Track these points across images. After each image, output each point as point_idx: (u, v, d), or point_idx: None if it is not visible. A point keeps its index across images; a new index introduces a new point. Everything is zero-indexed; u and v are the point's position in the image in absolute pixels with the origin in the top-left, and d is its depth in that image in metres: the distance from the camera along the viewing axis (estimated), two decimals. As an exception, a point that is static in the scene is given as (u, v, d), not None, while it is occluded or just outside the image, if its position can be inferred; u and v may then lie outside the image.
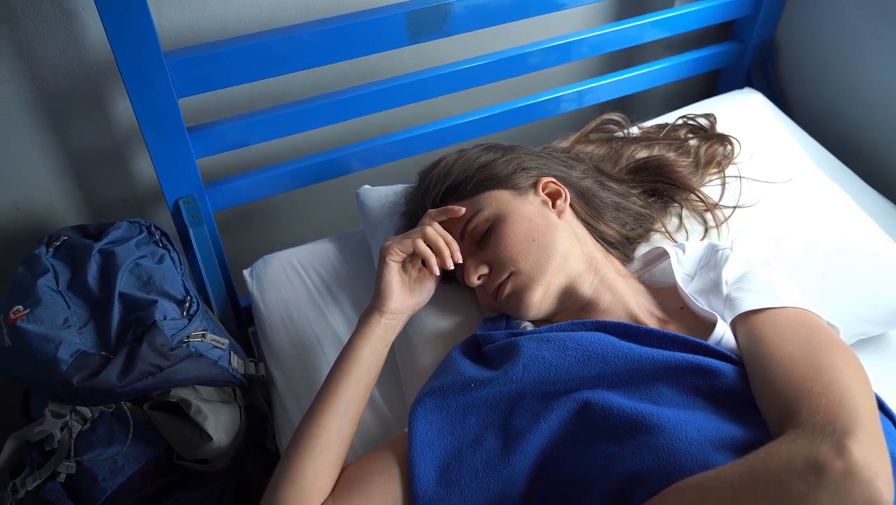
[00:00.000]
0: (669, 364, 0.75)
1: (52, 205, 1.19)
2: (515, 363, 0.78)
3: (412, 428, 0.79)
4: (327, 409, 0.81)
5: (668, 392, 0.75)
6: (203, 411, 0.97)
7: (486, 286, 0.89)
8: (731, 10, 1.39)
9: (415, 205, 0.98)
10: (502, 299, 0.88)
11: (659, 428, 0.69)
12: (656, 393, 0.75)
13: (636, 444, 0.69)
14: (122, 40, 0.89)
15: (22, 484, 0.94)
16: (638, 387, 0.76)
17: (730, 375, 0.74)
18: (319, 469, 0.77)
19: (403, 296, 0.88)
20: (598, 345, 0.78)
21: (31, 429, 0.95)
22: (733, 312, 0.81)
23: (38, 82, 1.06)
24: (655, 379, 0.76)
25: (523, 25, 1.24)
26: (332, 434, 0.79)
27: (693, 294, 0.86)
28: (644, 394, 0.75)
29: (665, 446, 0.67)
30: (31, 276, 0.97)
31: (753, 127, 1.19)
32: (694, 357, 0.75)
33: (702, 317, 0.84)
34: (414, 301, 0.90)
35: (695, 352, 0.77)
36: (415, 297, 0.90)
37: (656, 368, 0.76)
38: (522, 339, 0.82)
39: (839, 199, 1.12)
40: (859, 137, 1.37)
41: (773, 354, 0.72)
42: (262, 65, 1.02)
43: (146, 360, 0.91)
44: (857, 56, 1.33)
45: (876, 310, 1.04)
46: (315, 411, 0.81)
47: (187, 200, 1.08)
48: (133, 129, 1.17)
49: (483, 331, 0.89)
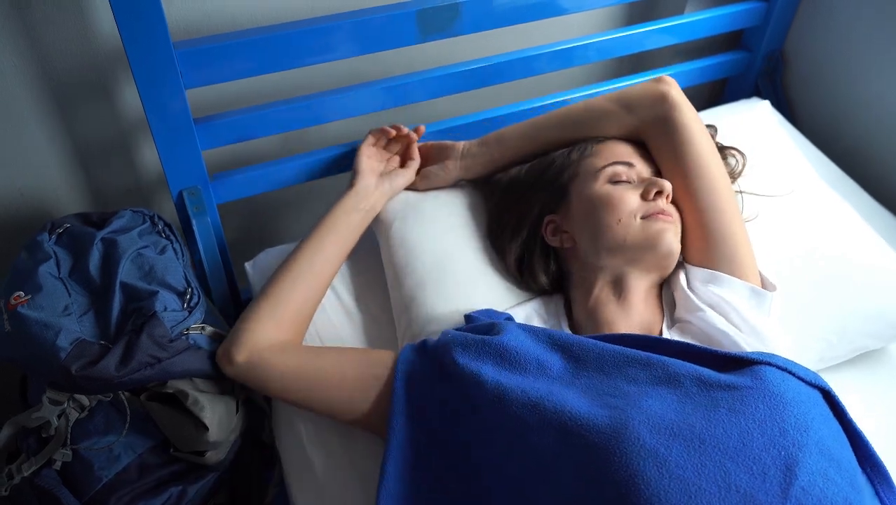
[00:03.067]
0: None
1: (56, 192, 1.19)
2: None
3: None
4: (301, 247, 0.99)
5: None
6: (200, 402, 0.96)
7: (666, 205, 0.93)
8: (741, 19, 1.39)
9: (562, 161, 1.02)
10: (665, 215, 0.91)
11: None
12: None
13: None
14: (132, 30, 0.89)
15: (18, 470, 0.94)
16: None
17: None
18: (290, 293, 0.94)
19: (371, 175, 1.07)
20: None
21: (28, 415, 0.95)
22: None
23: (46, 69, 1.06)
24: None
25: (532, 28, 1.24)
26: (304, 266, 0.97)
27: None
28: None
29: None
30: (33, 262, 0.97)
31: (759, 137, 1.19)
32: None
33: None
34: (389, 183, 1.07)
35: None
36: (388, 179, 1.07)
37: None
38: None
39: (843, 211, 1.12)
40: (866, 150, 1.37)
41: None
42: (270, 59, 1.02)
43: (145, 350, 0.91)
44: (866, 69, 1.33)
45: (878, 324, 1.04)
46: (291, 254, 0.98)
47: (191, 192, 1.08)
48: (139, 119, 1.17)
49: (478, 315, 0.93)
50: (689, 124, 0.96)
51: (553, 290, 1.00)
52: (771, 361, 0.75)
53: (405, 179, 1.09)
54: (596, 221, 0.92)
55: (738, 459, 0.66)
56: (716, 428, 0.68)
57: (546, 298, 0.99)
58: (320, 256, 0.98)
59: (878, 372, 1.08)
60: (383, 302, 1.06)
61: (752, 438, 0.67)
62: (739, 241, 0.92)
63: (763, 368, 0.74)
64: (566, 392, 0.75)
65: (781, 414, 0.69)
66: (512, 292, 1.01)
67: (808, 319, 1.02)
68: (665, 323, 0.90)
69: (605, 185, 0.94)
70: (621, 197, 0.91)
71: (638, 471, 0.65)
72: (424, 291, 0.98)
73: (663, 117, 0.97)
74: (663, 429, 0.68)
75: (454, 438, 0.80)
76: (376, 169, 1.09)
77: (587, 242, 0.93)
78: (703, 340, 0.86)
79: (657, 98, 0.98)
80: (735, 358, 0.77)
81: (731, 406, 0.70)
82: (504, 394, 0.76)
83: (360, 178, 1.05)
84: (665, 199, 0.92)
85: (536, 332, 0.84)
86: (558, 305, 0.97)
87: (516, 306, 0.98)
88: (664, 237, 0.88)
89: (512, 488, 0.74)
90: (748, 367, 0.75)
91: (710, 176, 0.94)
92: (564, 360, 0.80)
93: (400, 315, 1.00)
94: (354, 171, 1.06)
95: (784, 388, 0.72)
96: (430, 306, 0.97)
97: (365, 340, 1.05)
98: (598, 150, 0.99)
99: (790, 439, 0.67)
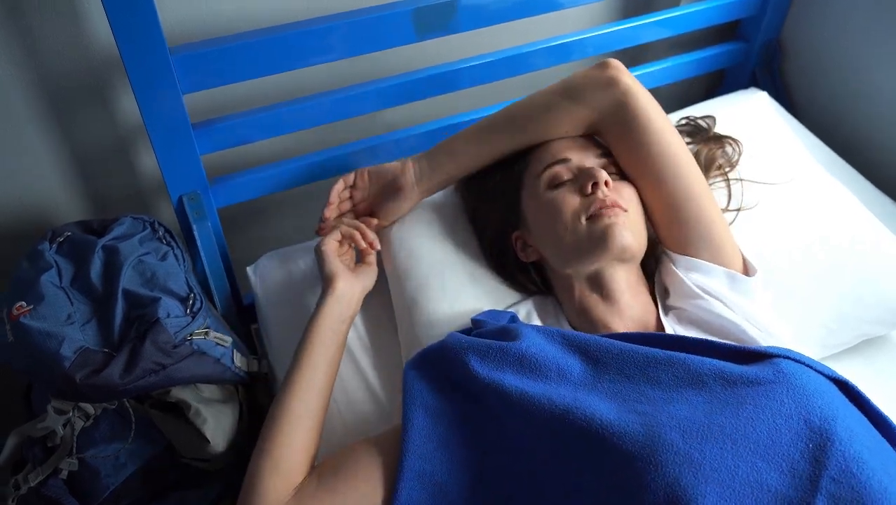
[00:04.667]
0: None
1: (56, 200, 1.19)
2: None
3: (405, 428, 0.79)
4: (292, 385, 0.86)
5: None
6: (202, 414, 0.97)
7: (606, 195, 0.87)
8: (737, 9, 1.39)
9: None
10: (608, 209, 0.86)
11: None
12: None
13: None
14: (127, 35, 0.88)
15: (24, 480, 0.94)
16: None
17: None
18: (291, 443, 0.82)
19: (348, 276, 0.95)
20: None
21: (33, 425, 0.95)
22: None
23: (42, 76, 1.05)
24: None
25: (528, 24, 1.23)
26: (299, 408, 0.84)
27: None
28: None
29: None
30: (35, 271, 0.97)
31: (758, 127, 1.19)
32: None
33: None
34: (362, 283, 0.97)
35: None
36: (361, 279, 0.97)
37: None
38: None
39: (844, 199, 1.12)
40: (865, 138, 1.37)
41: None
42: (267, 61, 1.02)
43: (149, 357, 0.90)
44: (864, 56, 1.33)
45: (880, 310, 1.04)
46: (282, 390, 0.86)
47: (191, 197, 1.07)
48: (137, 125, 1.17)
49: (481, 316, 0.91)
50: (645, 108, 0.91)
51: (547, 291, 0.99)
52: (789, 355, 0.75)
53: (374, 275, 1.01)
54: (547, 232, 0.90)
55: (769, 457, 0.66)
56: (745, 426, 0.68)
57: (542, 298, 0.98)
58: (314, 390, 0.86)
59: (879, 359, 1.08)
60: (385, 301, 1.06)
61: (780, 433, 0.67)
62: (714, 222, 0.90)
63: (782, 361, 0.73)
64: (592, 398, 0.74)
65: (807, 406, 0.69)
66: (514, 291, 1.00)
67: (809, 306, 1.02)
68: (660, 311, 0.90)
69: (546, 193, 0.91)
70: (562, 202, 0.88)
71: (675, 478, 0.64)
72: (426, 293, 0.97)
73: (616, 104, 0.91)
74: (694, 432, 0.67)
75: (469, 445, 0.79)
76: (347, 266, 0.98)
77: (548, 253, 0.92)
78: (706, 328, 0.85)
79: (604, 83, 0.92)
80: (752, 352, 0.77)
81: (757, 402, 0.69)
82: (530, 403, 0.74)
83: (338, 280, 0.93)
84: (605, 186, 0.87)
85: (550, 333, 0.82)
86: (555, 303, 0.96)
87: (516, 304, 0.98)
88: (611, 234, 0.84)
89: (535, 496, 0.74)
90: (767, 360, 0.74)
91: (675, 160, 0.90)
92: (583, 362, 0.79)
93: (402, 318, 1.00)
94: (328, 274, 0.94)
95: (805, 380, 0.71)
96: (431, 310, 0.96)
97: (366, 339, 1.05)
98: (535, 156, 0.95)
99: (817, 431, 0.67)
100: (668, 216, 0.91)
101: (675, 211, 0.90)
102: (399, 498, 0.75)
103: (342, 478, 0.79)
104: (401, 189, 1.01)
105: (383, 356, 1.03)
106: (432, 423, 0.80)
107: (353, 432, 0.95)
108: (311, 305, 1.08)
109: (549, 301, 0.97)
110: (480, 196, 1.01)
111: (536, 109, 0.96)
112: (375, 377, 1.01)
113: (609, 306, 0.88)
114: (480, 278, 1.00)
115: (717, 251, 0.89)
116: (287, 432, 0.82)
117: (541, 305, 0.97)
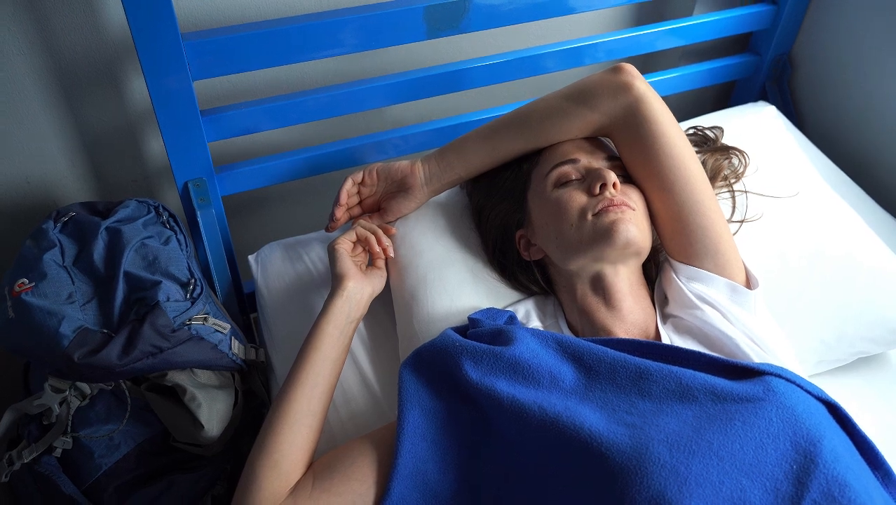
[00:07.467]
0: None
1: (63, 180, 1.20)
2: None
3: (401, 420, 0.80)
4: (297, 383, 0.85)
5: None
6: (197, 399, 0.97)
7: (613, 195, 0.88)
8: (750, 22, 1.39)
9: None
10: (616, 206, 0.87)
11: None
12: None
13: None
14: (141, 20, 0.89)
15: (18, 456, 0.94)
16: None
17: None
18: (292, 442, 0.81)
19: (359, 277, 0.95)
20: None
21: (30, 402, 0.95)
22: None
23: (54, 58, 1.06)
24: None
25: (540, 27, 1.23)
26: (302, 408, 0.83)
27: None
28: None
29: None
30: (38, 250, 0.97)
31: (765, 140, 1.19)
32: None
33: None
34: (371, 286, 0.97)
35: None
36: (371, 282, 0.97)
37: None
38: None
39: (846, 216, 1.11)
40: (872, 156, 1.37)
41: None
42: (278, 52, 1.02)
43: (147, 340, 0.91)
44: (874, 74, 1.33)
45: (878, 328, 1.04)
46: (286, 387, 0.85)
47: (197, 183, 1.08)
48: (146, 110, 1.17)
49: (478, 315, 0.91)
50: (658, 116, 0.90)
51: (548, 291, 1.00)
52: (780, 374, 0.75)
53: (383, 280, 1.01)
54: (553, 230, 0.90)
55: (753, 476, 0.66)
56: (732, 443, 0.68)
57: (543, 298, 0.99)
58: (318, 389, 0.86)
59: (876, 378, 1.08)
60: (384, 298, 1.06)
61: (766, 452, 0.67)
62: (720, 234, 0.89)
63: (773, 380, 0.73)
64: (582, 408, 0.74)
65: (794, 427, 0.69)
66: (513, 290, 1.01)
67: (808, 321, 1.02)
68: (658, 319, 0.90)
69: (554, 192, 0.91)
70: (569, 199, 0.88)
71: (660, 491, 0.65)
72: (426, 288, 0.98)
73: (629, 111, 0.90)
74: (682, 446, 0.68)
75: (461, 446, 0.80)
76: (359, 268, 0.98)
77: (553, 251, 0.92)
78: (701, 339, 0.85)
79: (618, 88, 0.91)
80: (745, 368, 0.77)
81: (745, 419, 0.69)
82: (521, 410, 0.75)
83: (348, 280, 0.93)
84: (613, 188, 0.87)
85: (545, 338, 0.83)
86: (555, 303, 0.97)
87: (516, 304, 0.98)
88: (617, 227, 0.84)
89: (522, 500, 0.74)
90: (758, 377, 0.75)
91: (685, 171, 0.89)
92: (576, 370, 0.79)
93: (401, 313, 1.01)
94: (339, 273, 0.94)
95: (794, 400, 0.71)
96: (430, 305, 0.97)
97: (364, 335, 1.06)
98: (544, 157, 0.95)
99: (802, 453, 0.67)
100: (674, 225, 0.91)
101: (681, 221, 0.90)
102: (391, 497, 0.76)
103: (338, 478, 0.79)
104: (409, 189, 1.01)
105: (381, 353, 1.04)
106: (426, 422, 0.80)
107: (350, 428, 0.96)
108: (311, 297, 1.09)
109: (550, 302, 0.97)
110: (487, 194, 1.02)
111: (549, 111, 0.95)
112: (372, 373, 1.02)
113: (611, 311, 0.88)
114: (481, 276, 1.00)
115: (722, 263, 0.89)
116: (289, 431, 0.81)
117: (540, 305, 0.97)
